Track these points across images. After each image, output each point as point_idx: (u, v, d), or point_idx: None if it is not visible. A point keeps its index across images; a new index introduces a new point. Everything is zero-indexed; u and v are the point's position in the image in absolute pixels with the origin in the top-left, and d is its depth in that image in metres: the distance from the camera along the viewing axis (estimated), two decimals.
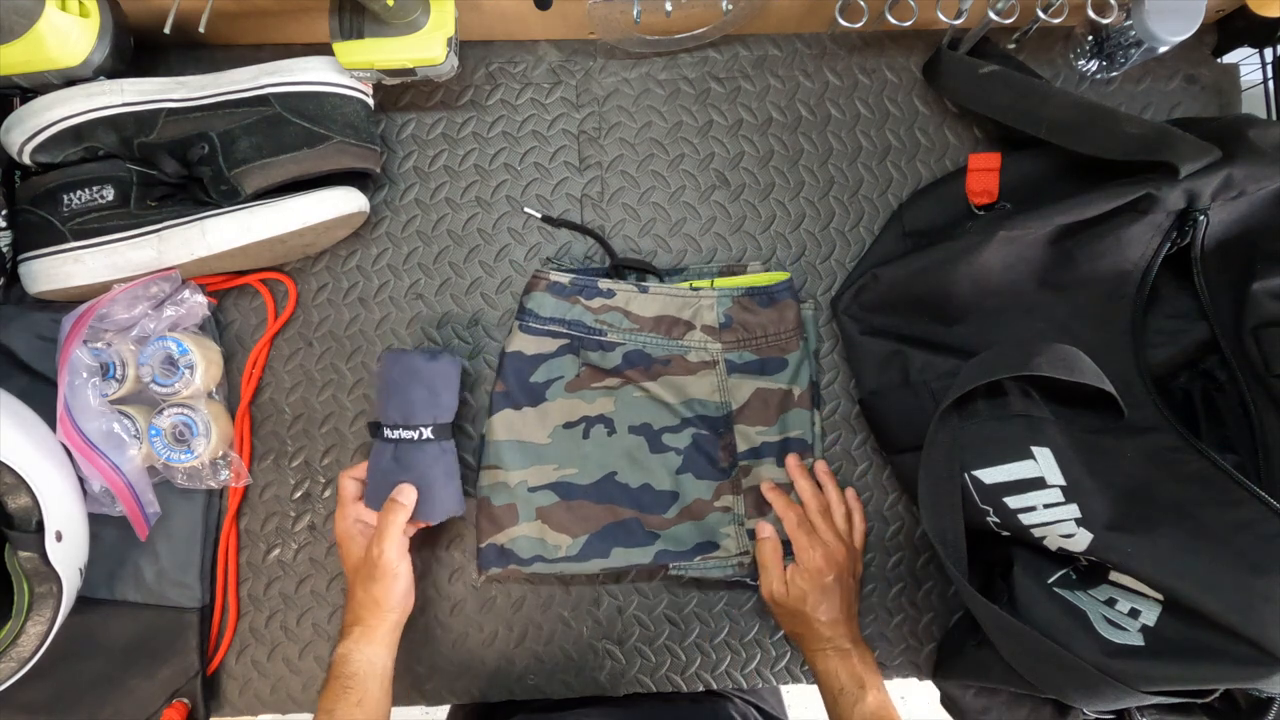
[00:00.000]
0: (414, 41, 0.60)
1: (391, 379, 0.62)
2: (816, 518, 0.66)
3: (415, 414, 0.62)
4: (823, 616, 0.63)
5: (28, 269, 0.63)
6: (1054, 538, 0.56)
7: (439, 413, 0.63)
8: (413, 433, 0.62)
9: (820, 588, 0.63)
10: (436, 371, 0.63)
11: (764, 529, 0.66)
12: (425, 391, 0.62)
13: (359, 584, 0.62)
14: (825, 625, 0.63)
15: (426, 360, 0.62)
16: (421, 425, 0.62)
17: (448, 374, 0.63)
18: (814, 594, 0.63)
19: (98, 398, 0.62)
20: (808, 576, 0.63)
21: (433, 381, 0.62)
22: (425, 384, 0.62)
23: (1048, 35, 0.71)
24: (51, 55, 0.58)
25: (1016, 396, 0.58)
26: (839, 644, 0.63)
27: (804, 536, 0.65)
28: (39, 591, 0.55)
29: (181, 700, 0.66)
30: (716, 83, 0.72)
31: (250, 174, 0.61)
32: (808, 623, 0.63)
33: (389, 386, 0.62)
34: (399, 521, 0.61)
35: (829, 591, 0.63)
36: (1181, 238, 0.60)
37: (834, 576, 0.64)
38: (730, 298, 0.67)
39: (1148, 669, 0.51)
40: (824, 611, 0.63)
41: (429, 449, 0.63)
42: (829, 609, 0.63)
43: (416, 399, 0.62)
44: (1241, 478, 0.55)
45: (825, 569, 0.64)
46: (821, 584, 0.63)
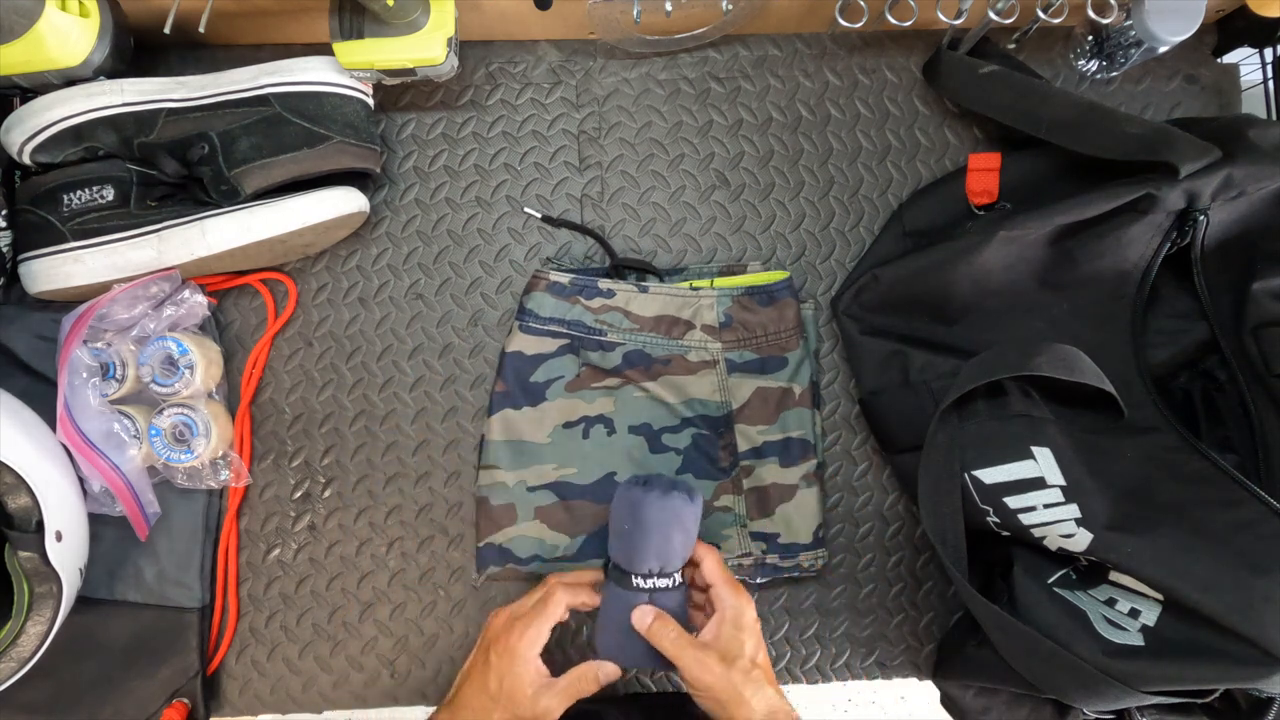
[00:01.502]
0: (414, 41, 0.60)
1: (650, 523, 0.56)
2: None
3: (674, 560, 0.57)
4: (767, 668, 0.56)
5: (28, 269, 0.63)
6: (1054, 538, 0.56)
7: (688, 554, 0.58)
8: (668, 580, 0.57)
9: (757, 629, 0.57)
10: (694, 514, 0.58)
11: (643, 613, 0.56)
12: (683, 537, 0.57)
13: (503, 716, 0.55)
14: (773, 687, 0.56)
15: (686, 503, 0.57)
16: (675, 571, 0.57)
17: (699, 512, 0.58)
18: (751, 639, 0.56)
19: (98, 398, 0.62)
20: (741, 620, 0.56)
21: (691, 525, 0.57)
22: (685, 529, 0.57)
23: (1048, 35, 0.71)
24: (51, 55, 0.58)
25: (1016, 396, 0.58)
26: (792, 715, 0.56)
27: (728, 573, 0.58)
28: (39, 591, 0.55)
29: (181, 700, 0.66)
30: (716, 83, 0.72)
31: (250, 174, 0.61)
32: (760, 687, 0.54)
33: (646, 531, 0.56)
34: (588, 693, 0.56)
35: (760, 636, 0.57)
36: (1181, 238, 0.60)
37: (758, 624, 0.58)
38: (730, 297, 0.67)
39: (1148, 669, 0.51)
40: (766, 661, 0.57)
41: (680, 593, 0.58)
42: (767, 659, 0.57)
43: (676, 544, 0.57)
44: (1241, 478, 0.55)
45: (753, 609, 0.57)
46: (757, 625, 0.57)
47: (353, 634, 0.69)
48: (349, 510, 0.70)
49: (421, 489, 0.70)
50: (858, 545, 0.71)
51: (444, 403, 0.70)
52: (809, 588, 0.70)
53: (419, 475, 0.70)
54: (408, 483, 0.70)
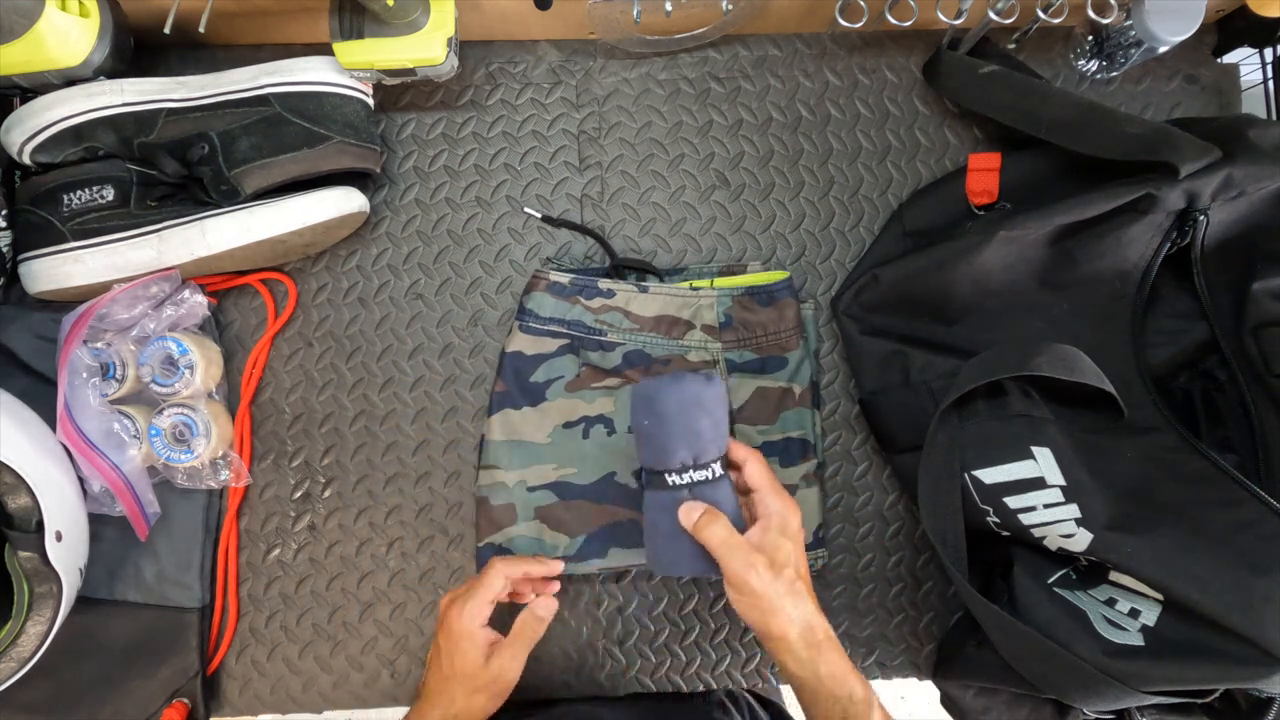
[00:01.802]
0: (414, 41, 0.60)
1: (669, 412, 0.52)
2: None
3: (707, 449, 0.53)
4: (807, 580, 0.54)
5: (28, 269, 0.63)
6: (1054, 538, 0.56)
7: (723, 442, 0.54)
8: (706, 472, 0.53)
9: (800, 540, 0.54)
10: (716, 396, 0.53)
11: (691, 508, 0.53)
12: (710, 421, 0.53)
13: (461, 690, 0.55)
14: (813, 599, 0.54)
15: (704, 384, 0.53)
16: (713, 461, 0.53)
17: (722, 396, 0.54)
18: (794, 550, 0.53)
19: (98, 398, 0.62)
20: (786, 528, 0.53)
21: (714, 408, 0.53)
22: (709, 412, 0.53)
23: (1048, 35, 0.71)
24: (51, 55, 0.58)
25: (1016, 396, 0.58)
26: (829, 632, 0.54)
27: (774, 479, 0.55)
28: (39, 591, 0.55)
29: (181, 700, 0.66)
30: (716, 83, 0.72)
31: (250, 174, 0.61)
32: (800, 599, 0.52)
33: (668, 421, 0.52)
34: (537, 636, 0.56)
35: (802, 548, 0.55)
36: (1181, 238, 0.60)
37: (801, 535, 0.55)
38: (730, 297, 0.67)
39: (1148, 669, 0.51)
40: (806, 574, 0.54)
41: (723, 486, 0.54)
42: (807, 571, 0.55)
43: (705, 431, 0.52)
44: (1241, 478, 0.55)
45: (799, 518, 0.55)
46: (799, 536, 0.54)
47: (353, 634, 0.69)
48: (349, 510, 0.70)
49: (421, 489, 0.70)
50: (858, 545, 0.71)
51: (444, 403, 0.70)
52: None
53: (419, 475, 0.70)
54: (408, 483, 0.70)
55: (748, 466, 0.55)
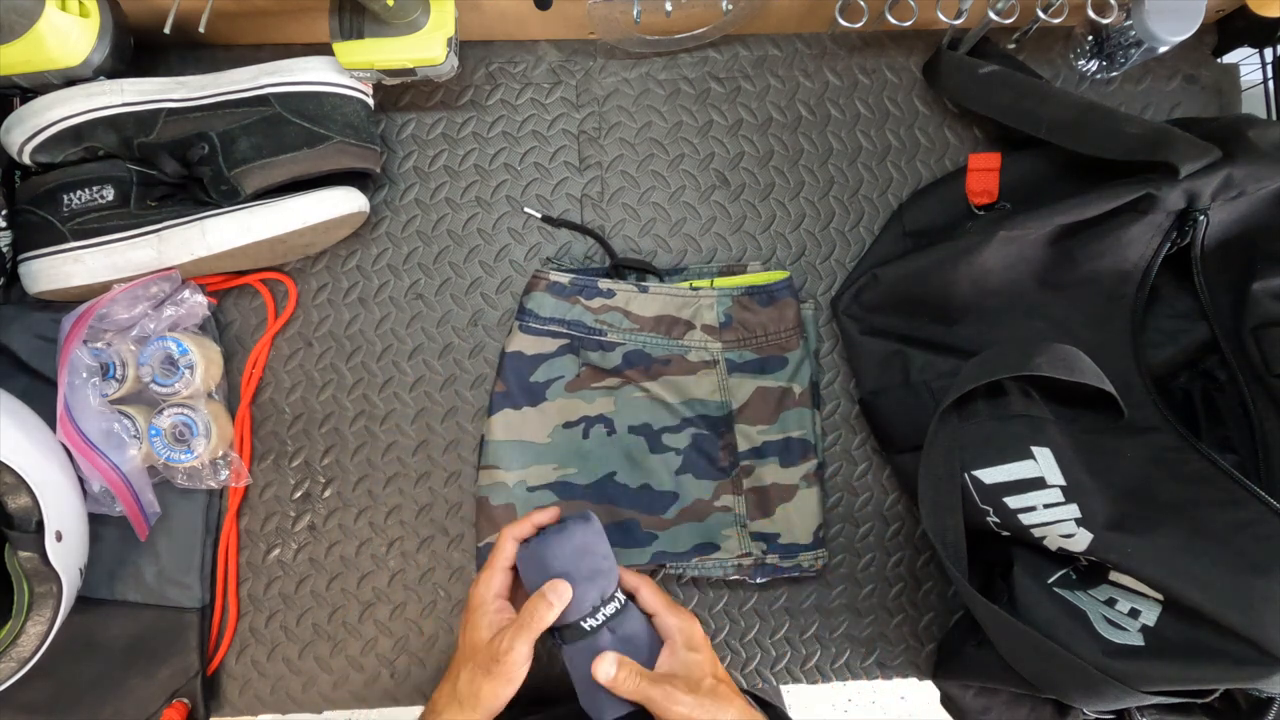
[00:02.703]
0: (414, 41, 0.60)
1: (565, 566, 0.54)
2: None
3: (608, 583, 0.56)
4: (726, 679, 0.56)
5: (28, 269, 0.63)
6: (1054, 538, 0.56)
7: (615, 571, 0.57)
8: (614, 603, 0.56)
9: (707, 644, 0.57)
10: (596, 532, 0.56)
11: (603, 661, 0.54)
12: (599, 556, 0.55)
13: (466, 669, 0.55)
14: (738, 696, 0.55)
15: (584, 527, 0.55)
16: (615, 592, 0.56)
17: (600, 530, 0.57)
18: (705, 655, 0.56)
19: (98, 398, 0.62)
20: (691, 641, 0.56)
21: (599, 544, 0.56)
22: (595, 550, 0.55)
23: (1048, 35, 0.71)
24: (51, 55, 0.58)
25: (1016, 396, 0.58)
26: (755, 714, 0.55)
27: (665, 596, 0.58)
28: (39, 591, 0.55)
29: (181, 700, 0.66)
30: (716, 83, 0.72)
31: (250, 174, 0.61)
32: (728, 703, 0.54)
33: (568, 576, 0.54)
34: (544, 621, 0.54)
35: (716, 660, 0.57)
36: (1181, 238, 0.60)
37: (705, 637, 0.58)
38: (730, 297, 0.67)
39: (1148, 669, 0.51)
40: (724, 672, 0.57)
41: (631, 611, 0.57)
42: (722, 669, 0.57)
43: (601, 567, 0.55)
44: (1241, 478, 0.55)
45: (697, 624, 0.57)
46: (705, 639, 0.57)
47: (353, 634, 0.69)
48: (349, 510, 0.70)
49: (421, 489, 0.70)
50: (858, 545, 0.71)
51: (444, 403, 0.70)
52: (809, 588, 0.70)
53: (419, 475, 0.70)
54: (408, 483, 0.70)
55: (640, 593, 0.58)
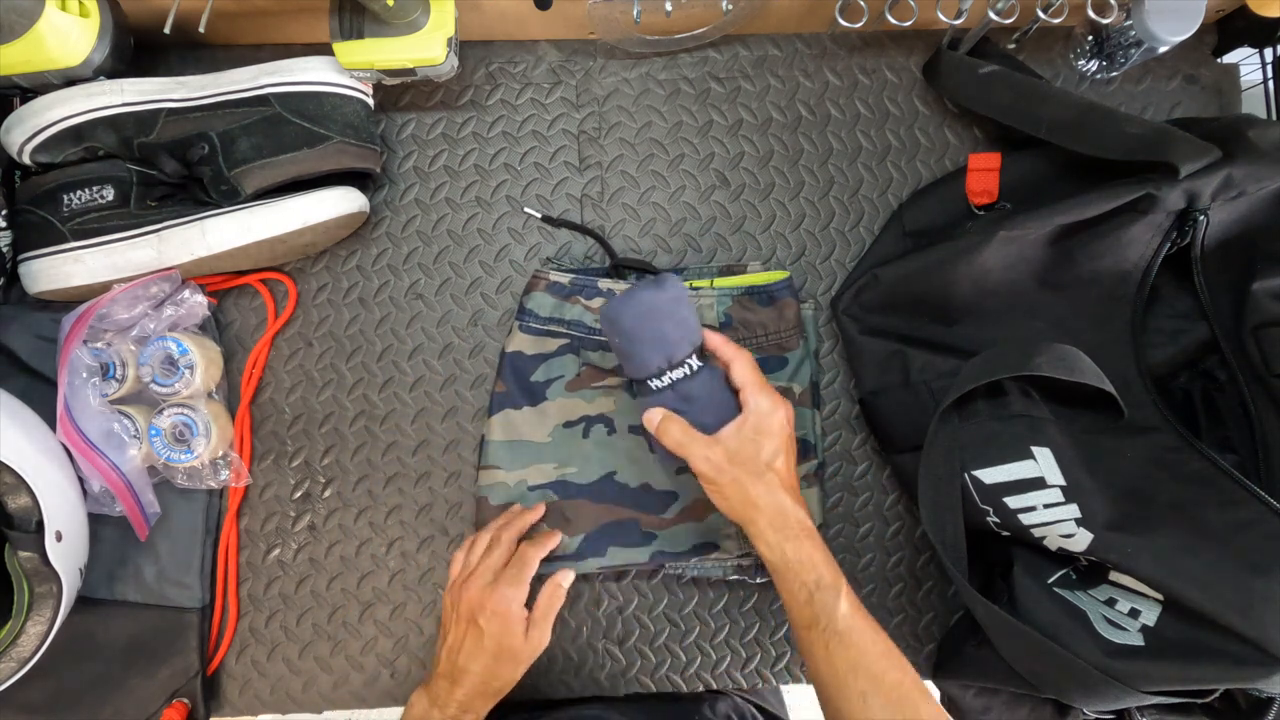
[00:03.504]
0: (414, 41, 0.60)
1: (633, 327, 0.55)
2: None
3: (677, 348, 0.56)
4: (785, 474, 0.55)
5: (28, 269, 0.63)
6: (1054, 538, 0.56)
7: (694, 336, 0.57)
8: (682, 369, 0.56)
9: (785, 436, 0.55)
10: (672, 298, 0.56)
11: (651, 413, 0.57)
12: (672, 323, 0.55)
13: (509, 668, 0.59)
14: (789, 492, 0.55)
15: (656, 291, 0.55)
16: (686, 358, 0.56)
17: (680, 295, 0.56)
18: (772, 443, 0.54)
19: (98, 398, 0.62)
20: (766, 424, 0.54)
21: (674, 309, 0.56)
22: (669, 314, 0.55)
23: (1048, 35, 0.71)
24: (51, 55, 0.58)
25: (1016, 396, 0.58)
26: (804, 521, 0.55)
27: (759, 378, 0.56)
28: (39, 591, 0.55)
29: (181, 700, 0.66)
30: (716, 83, 0.72)
31: (250, 174, 0.61)
32: (771, 488, 0.54)
33: (634, 335, 0.56)
34: (558, 606, 0.61)
35: (790, 445, 0.56)
36: (1181, 238, 0.60)
37: (788, 432, 0.56)
38: (730, 297, 0.67)
39: (1148, 669, 0.51)
40: (786, 468, 0.55)
41: (701, 378, 0.56)
42: (789, 466, 0.55)
43: (670, 333, 0.55)
44: (1241, 478, 0.55)
45: (785, 416, 0.56)
46: (784, 432, 0.55)
47: (353, 634, 0.69)
48: (349, 510, 0.70)
49: (421, 489, 0.70)
50: (858, 545, 0.71)
51: (444, 403, 0.70)
52: None
53: (419, 475, 0.70)
54: (408, 483, 0.70)
55: (734, 367, 0.57)
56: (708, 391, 0.57)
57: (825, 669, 0.53)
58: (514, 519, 0.65)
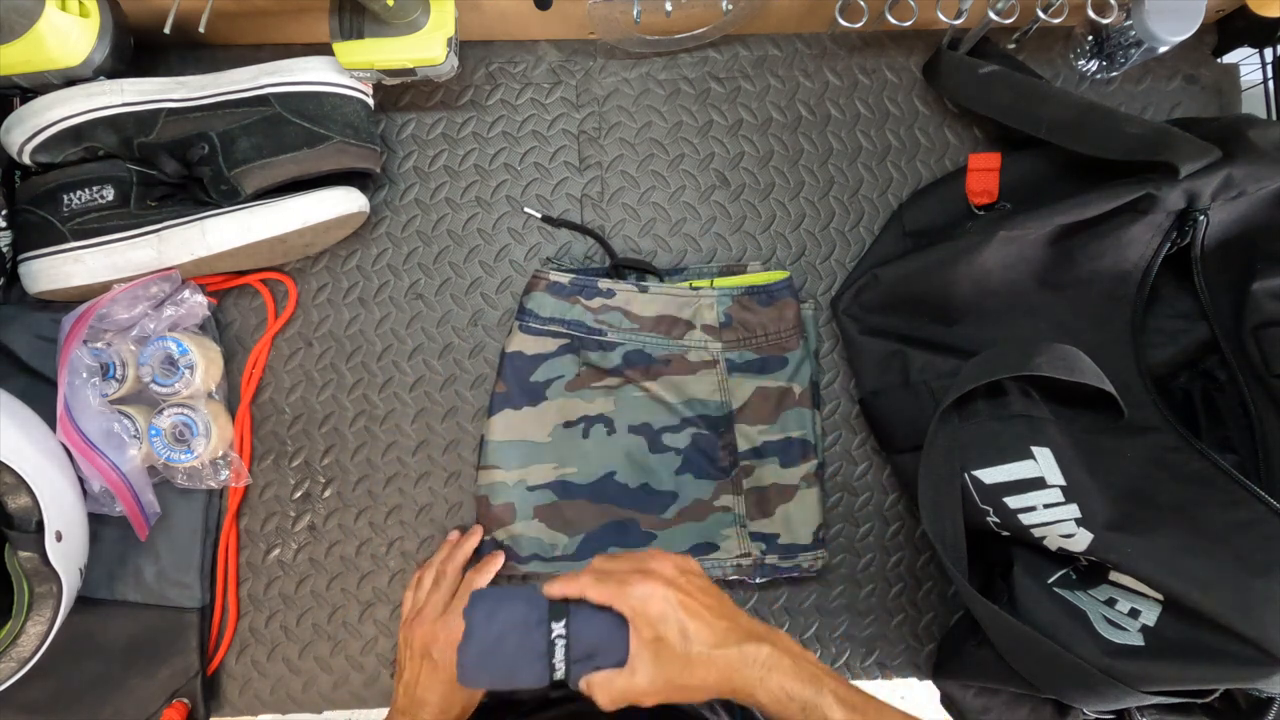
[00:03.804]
0: (414, 41, 0.60)
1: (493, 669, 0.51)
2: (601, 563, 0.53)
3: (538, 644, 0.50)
4: (707, 634, 0.49)
5: (28, 269, 0.63)
6: (1054, 538, 0.56)
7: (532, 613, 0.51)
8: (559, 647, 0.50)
9: (672, 605, 0.49)
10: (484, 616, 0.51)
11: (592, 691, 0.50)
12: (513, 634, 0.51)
13: (462, 692, 0.60)
14: (720, 645, 0.49)
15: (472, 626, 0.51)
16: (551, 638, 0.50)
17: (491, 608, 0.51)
18: (670, 627, 0.49)
19: (98, 398, 0.62)
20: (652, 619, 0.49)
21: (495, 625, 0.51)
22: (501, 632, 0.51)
23: (1048, 35, 0.71)
24: (51, 55, 0.58)
25: (1016, 396, 0.58)
26: (750, 659, 0.49)
27: (605, 586, 0.50)
28: (39, 591, 0.55)
29: (181, 700, 0.66)
30: (716, 83, 0.72)
31: (250, 174, 0.61)
32: (709, 666, 0.48)
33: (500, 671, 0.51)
34: None
35: (682, 603, 0.49)
36: (1181, 238, 0.60)
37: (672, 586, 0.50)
38: (730, 297, 0.67)
39: (1148, 669, 0.51)
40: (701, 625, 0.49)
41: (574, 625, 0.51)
42: (703, 619, 0.49)
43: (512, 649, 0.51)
44: (1241, 478, 0.55)
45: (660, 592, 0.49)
46: (669, 603, 0.49)
47: (353, 634, 0.69)
48: (349, 510, 0.70)
49: (421, 489, 0.70)
50: (858, 545, 0.71)
51: (444, 403, 0.70)
52: (809, 588, 0.70)
53: (419, 475, 0.70)
54: (408, 483, 0.70)
55: (587, 594, 0.51)
56: (592, 629, 0.51)
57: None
58: (455, 551, 0.66)
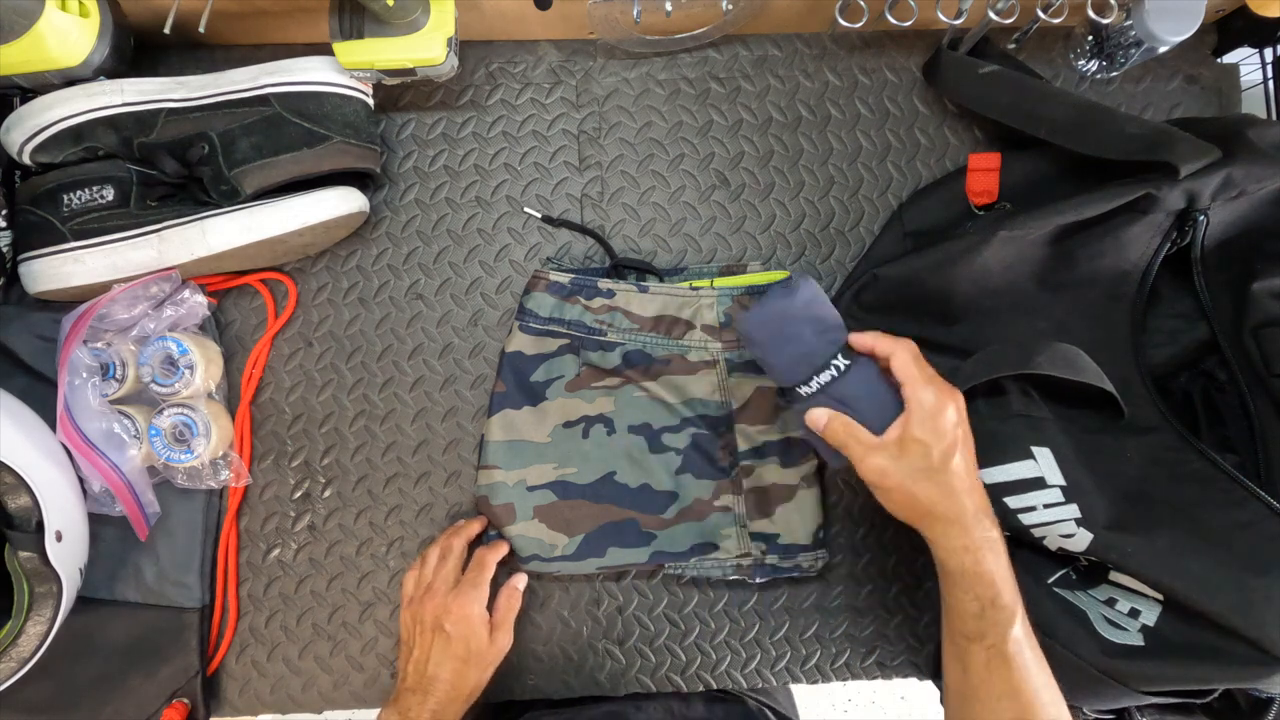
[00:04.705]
0: (414, 41, 0.60)
1: (766, 340, 0.55)
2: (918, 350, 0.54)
3: (817, 353, 0.54)
4: (962, 474, 0.50)
5: (28, 269, 0.63)
6: (1054, 538, 0.56)
7: (836, 334, 0.55)
8: (828, 372, 0.54)
9: (956, 433, 0.51)
10: (804, 301, 0.54)
11: (817, 414, 0.54)
12: (810, 328, 0.54)
13: (477, 670, 0.61)
14: (968, 494, 0.51)
15: (785, 300, 0.54)
16: (831, 360, 0.54)
17: (812, 295, 0.55)
18: (941, 442, 0.50)
19: (98, 398, 0.62)
20: (933, 422, 0.50)
21: (807, 312, 0.54)
22: (804, 320, 0.54)
23: (1048, 35, 0.71)
24: (51, 55, 0.58)
25: (1016, 396, 0.58)
26: (988, 532, 0.51)
27: (922, 371, 0.53)
28: (39, 591, 0.55)
29: (181, 700, 0.66)
30: (716, 83, 0.72)
31: (250, 174, 0.61)
32: (946, 492, 0.50)
33: (769, 348, 0.55)
34: (516, 608, 0.64)
35: (965, 440, 0.51)
36: (1181, 238, 0.60)
37: (961, 427, 0.52)
38: (730, 297, 0.67)
39: (1148, 669, 0.51)
40: (964, 467, 0.50)
41: (851, 378, 0.54)
42: (968, 463, 0.51)
43: (808, 339, 0.54)
44: (1241, 478, 0.55)
45: (955, 410, 0.51)
46: (955, 428, 0.51)
47: (353, 634, 0.69)
48: (349, 510, 0.70)
49: (421, 489, 0.70)
50: (858, 545, 0.71)
51: (444, 403, 0.70)
52: (809, 588, 0.70)
53: (419, 475, 0.70)
54: (408, 483, 0.70)
55: (894, 361, 0.53)
56: (862, 391, 0.55)
57: (978, 684, 0.50)
58: (461, 528, 0.67)
